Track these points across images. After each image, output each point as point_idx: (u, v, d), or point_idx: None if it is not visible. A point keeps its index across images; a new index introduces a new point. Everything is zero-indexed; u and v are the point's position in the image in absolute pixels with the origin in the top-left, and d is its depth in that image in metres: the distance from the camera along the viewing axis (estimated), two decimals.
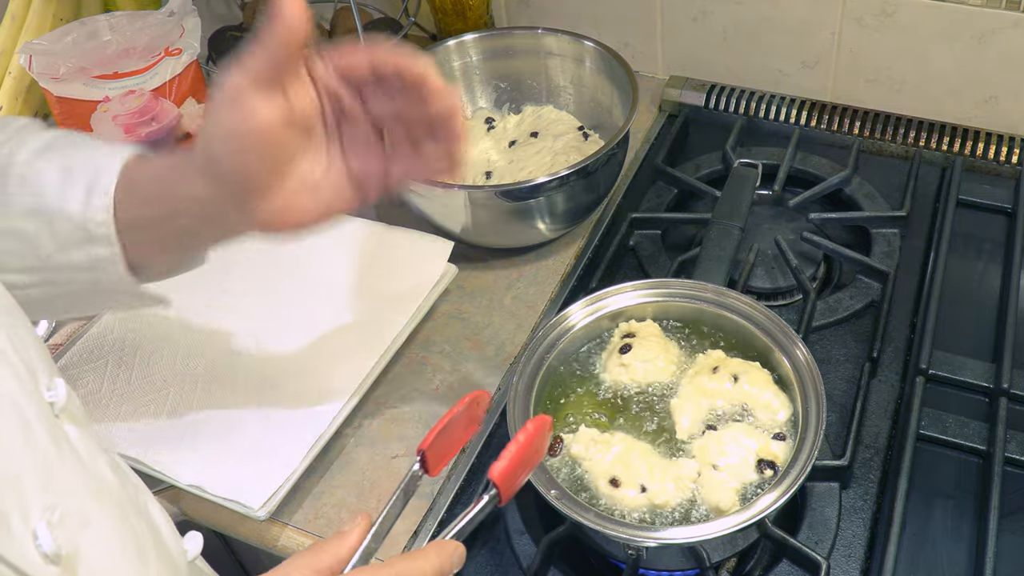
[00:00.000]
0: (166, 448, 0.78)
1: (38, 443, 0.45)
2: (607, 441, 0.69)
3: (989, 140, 1.00)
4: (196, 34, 0.98)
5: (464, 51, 1.04)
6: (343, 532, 0.55)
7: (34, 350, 0.50)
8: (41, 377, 0.49)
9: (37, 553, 0.42)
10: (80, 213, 0.60)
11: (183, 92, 0.97)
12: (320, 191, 0.61)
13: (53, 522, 0.43)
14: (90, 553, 0.46)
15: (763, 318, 0.74)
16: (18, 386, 0.46)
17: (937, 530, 0.72)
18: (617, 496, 0.67)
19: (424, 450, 0.59)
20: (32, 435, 0.45)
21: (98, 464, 0.51)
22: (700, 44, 1.11)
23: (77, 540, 0.45)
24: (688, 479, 0.67)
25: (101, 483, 0.50)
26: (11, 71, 1.06)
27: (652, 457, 0.69)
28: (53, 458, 0.46)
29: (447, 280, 0.90)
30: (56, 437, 0.47)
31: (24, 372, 0.47)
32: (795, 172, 1.00)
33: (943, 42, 0.99)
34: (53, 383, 0.49)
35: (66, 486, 0.46)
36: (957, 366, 0.80)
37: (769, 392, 0.71)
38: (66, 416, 0.50)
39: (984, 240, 0.93)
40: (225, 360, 0.84)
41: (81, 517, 0.46)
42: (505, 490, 0.57)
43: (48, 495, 0.44)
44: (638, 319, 0.77)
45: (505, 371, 0.86)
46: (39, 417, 0.46)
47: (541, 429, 0.59)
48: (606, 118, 1.02)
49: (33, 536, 0.42)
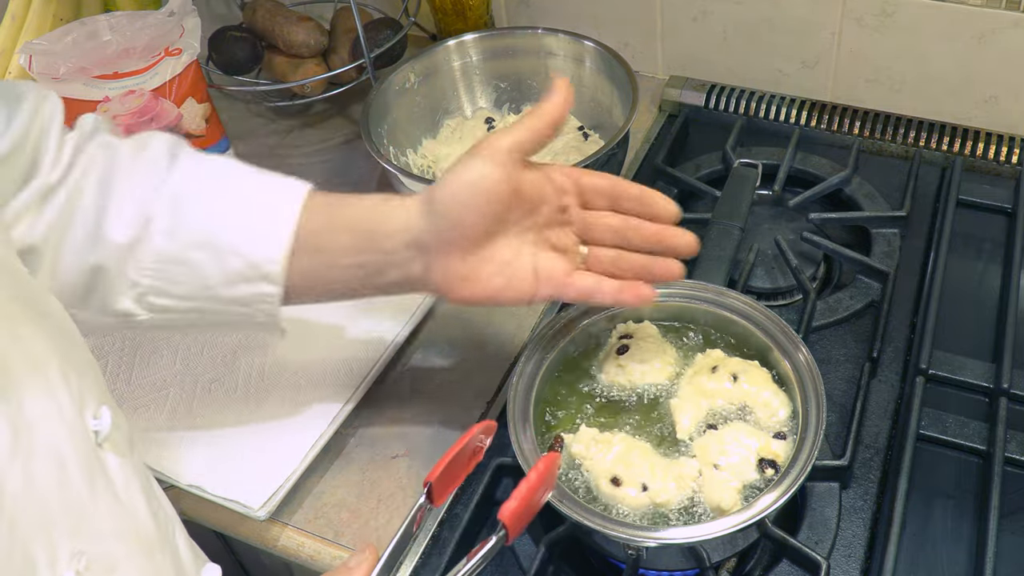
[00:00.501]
0: (166, 448, 0.78)
1: (72, 484, 0.45)
2: (607, 440, 0.69)
3: (989, 140, 1.00)
4: (196, 34, 0.98)
5: (464, 51, 1.04)
6: (349, 568, 0.54)
7: (89, 376, 0.50)
8: (89, 404, 0.49)
9: None
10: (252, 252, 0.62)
11: (183, 92, 0.97)
12: (504, 271, 0.65)
13: (80, 569, 0.43)
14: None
15: (763, 318, 0.74)
16: (59, 420, 0.46)
17: (937, 530, 0.72)
18: (618, 495, 0.67)
19: (431, 482, 0.58)
20: (67, 476, 0.45)
21: (132, 497, 0.51)
22: (700, 44, 1.11)
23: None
24: (689, 478, 0.67)
25: (132, 520, 0.50)
26: (11, 71, 1.06)
27: (653, 456, 0.69)
28: (86, 499, 0.46)
29: None
30: (92, 473, 0.47)
31: (68, 402, 0.47)
32: (795, 172, 1.00)
33: (943, 42, 0.99)
34: (99, 412, 0.49)
35: (96, 530, 0.46)
36: (957, 366, 0.80)
37: (768, 391, 0.71)
38: (109, 445, 0.49)
39: (984, 240, 0.93)
40: (225, 360, 0.84)
41: (108, 562, 0.46)
42: (513, 530, 0.57)
43: (77, 541, 0.44)
44: (635, 320, 0.77)
45: (505, 371, 0.86)
46: (77, 451, 0.46)
47: (551, 467, 0.59)
48: (606, 118, 1.02)
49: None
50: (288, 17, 1.13)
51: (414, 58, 1.02)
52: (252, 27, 1.15)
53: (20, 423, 0.43)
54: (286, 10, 1.15)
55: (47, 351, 0.47)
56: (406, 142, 1.02)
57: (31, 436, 0.43)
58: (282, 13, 1.14)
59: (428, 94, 1.04)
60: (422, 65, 1.02)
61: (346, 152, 1.12)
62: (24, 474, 0.42)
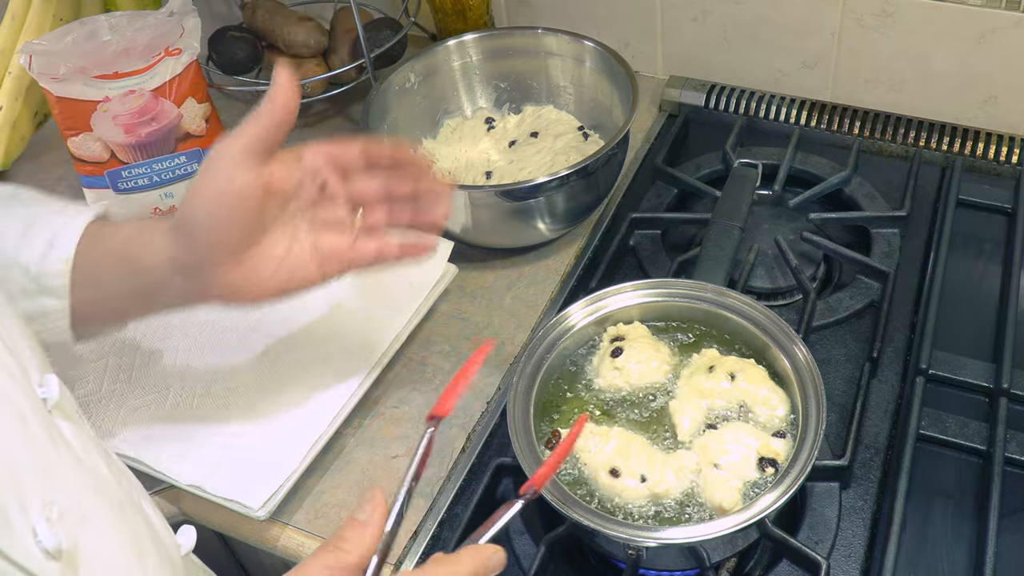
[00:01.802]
0: (166, 448, 0.78)
1: (35, 439, 0.45)
2: (605, 433, 0.70)
3: (989, 140, 1.00)
4: (196, 34, 0.98)
5: (464, 51, 1.04)
6: (359, 523, 0.54)
7: (26, 348, 0.51)
8: (33, 374, 0.49)
9: (38, 549, 0.42)
10: (37, 265, 0.62)
11: (183, 92, 0.97)
12: (283, 265, 0.64)
13: (52, 518, 0.43)
14: (89, 548, 0.46)
15: (763, 318, 0.74)
16: (12, 383, 0.46)
17: (937, 530, 0.72)
18: (617, 486, 0.67)
19: (440, 416, 0.60)
20: (29, 431, 0.45)
21: (93, 460, 0.51)
22: (700, 44, 1.11)
23: (76, 535, 0.45)
24: (688, 470, 0.67)
25: (97, 479, 0.50)
26: (11, 71, 1.06)
27: (650, 449, 0.69)
28: (50, 454, 0.46)
29: (447, 280, 0.90)
30: (51, 433, 0.47)
31: (16, 369, 0.47)
32: (795, 172, 1.00)
33: (943, 42, 0.99)
34: (45, 379, 0.50)
35: (63, 482, 0.46)
36: (957, 366, 0.80)
37: (766, 388, 0.71)
38: (59, 412, 0.50)
39: (984, 240, 0.93)
40: (225, 360, 0.84)
41: (79, 513, 0.46)
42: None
43: (46, 490, 0.44)
44: (625, 322, 0.77)
45: (505, 371, 0.86)
46: (34, 413, 0.46)
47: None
48: (606, 118, 1.02)
49: (33, 532, 0.42)
50: (288, 17, 1.13)
51: (414, 58, 1.02)
52: (252, 27, 1.15)
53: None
54: (286, 10, 1.15)
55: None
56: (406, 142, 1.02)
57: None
58: (282, 13, 1.14)
59: (428, 94, 1.04)
60: (422, 65, 1.02)
61: None
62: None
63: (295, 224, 0.65)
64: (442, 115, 1.07)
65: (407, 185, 0.68)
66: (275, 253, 0.64)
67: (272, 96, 0.61)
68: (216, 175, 0.61)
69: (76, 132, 0.96)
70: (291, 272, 0.65)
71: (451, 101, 1.06)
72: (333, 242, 0.66)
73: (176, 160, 1.00)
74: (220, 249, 0.62)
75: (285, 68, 0.61)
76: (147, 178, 1.00)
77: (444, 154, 1.03)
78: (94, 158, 0.98)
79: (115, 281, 0.64)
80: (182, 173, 1.01)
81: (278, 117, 0.61)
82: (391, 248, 0.68)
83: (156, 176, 1.00)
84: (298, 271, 0.65)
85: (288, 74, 0.61)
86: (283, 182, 0.64)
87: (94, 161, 0.98)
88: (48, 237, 0.63)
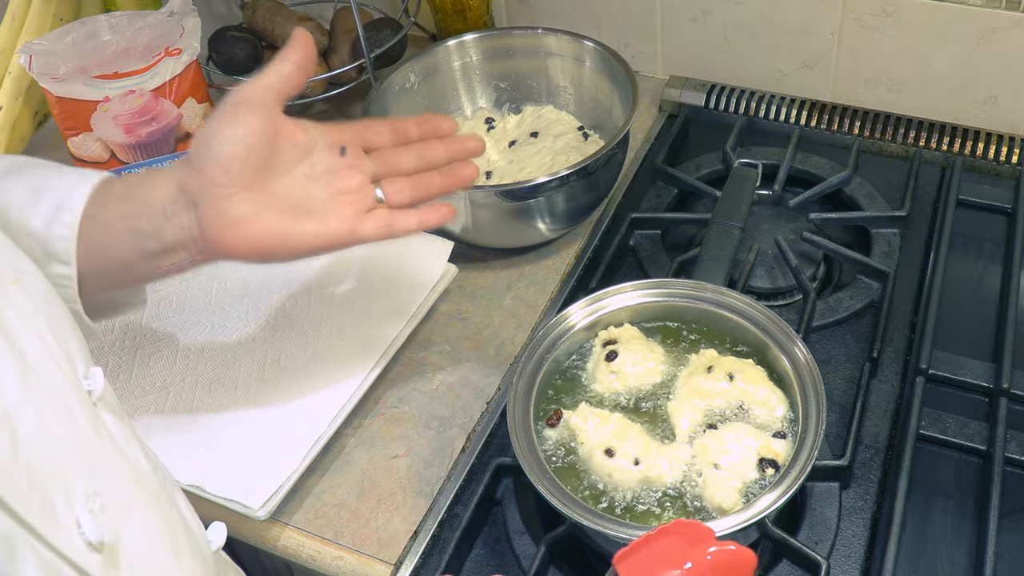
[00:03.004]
0: (166, 448, 0.78)
1: (81, 431, 0.46)
2: (605, 416, 0.70)
3: (989, 140, 1.00)
4: (196, 34, 0.98)
5: (464, 51, 1.04)
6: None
7: (73, 339, 0.51)
8: (79, 366, 0.49)
9: (81, 540, 0.42)
10: (44, 230, 0.61)
11: (183, 92, 0.97)
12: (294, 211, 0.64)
13: (95, 510, 0.43)
14: (130, 541, 0.46)
15: (763, 318, 0.74)
16: (60, 376, 0.46)
17: (937, 530, 0.72)
18: (611, 466, 0.67)
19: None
20: (76, 423, 0.46)
21: (135, 452, 0.51)
22: (700, 44, 1.11)
23: (118, 528, 0.45)
24: (682, 461, 0.68)
25: (138, 472, 0.50)
26: (11, 71, 1.06)
27: (647, 438, 0.70)
28: (95, 446, 0.47)
29: (447, 280, 0.90)
30: (96, 425, 0.48)
31: (64, 362, 0.47)
32: (795, 172, 1.00)
33: (943, 42, 0.99)
34: (90, 372, 0.50)
35: (107, 474, 0.47)
36: (957, 366, 0.80)
37: (765, 388, 0.71)
38: (103, 405, 0.50)
39: (984, 240, 0.93)
40: (225, 360, 0.84)
41: (121, 505, 0.47)
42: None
43: (91, 483, 0.44)
44: (616, 325, 0.77)
45: (505, 371, 0.86)
46: (81, 405, 0.47)
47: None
48: (606, 118, 1.02)
49: (76, 524, 0.42)
50: (288, 17, 1.13)
51: (414, 58, 1.02)
52: (252, 27, 1.15)
53: (27, 368, 0.43)
54: (286, 10, 1.15)
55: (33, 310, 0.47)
56: None
57: (38, 382, 0.44)
58: (282, 13, 1.14)
59: (428, 94, 1.04)
60: (422, 65, 1.02)
61: None
62: (36, 417, 0.42)
63: (316, 181, 0.66)
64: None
65: (440, 153, 0.69)
66: (290, 197, 0.64)
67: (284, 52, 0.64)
68: (226, 114, 0.62)
69: (76, 132, 0.96)
70: (299, 218, 0.64)
71: (451, 101, 1.06)
72: (345, 206, 0.66)
73: (176, 160, 1.00)
74: (223, 172, 0.61)
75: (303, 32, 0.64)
76: None
77: None
78: (94, 158, 0.98)
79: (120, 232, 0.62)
80: None
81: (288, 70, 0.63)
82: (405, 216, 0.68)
83: None
84: (308, 221, 0.64)
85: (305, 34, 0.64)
86: (296, 135, 0.65)
87: (94, 161, 0.98)
88: (56, 202, 0.62)
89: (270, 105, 0.63)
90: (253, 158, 0.62)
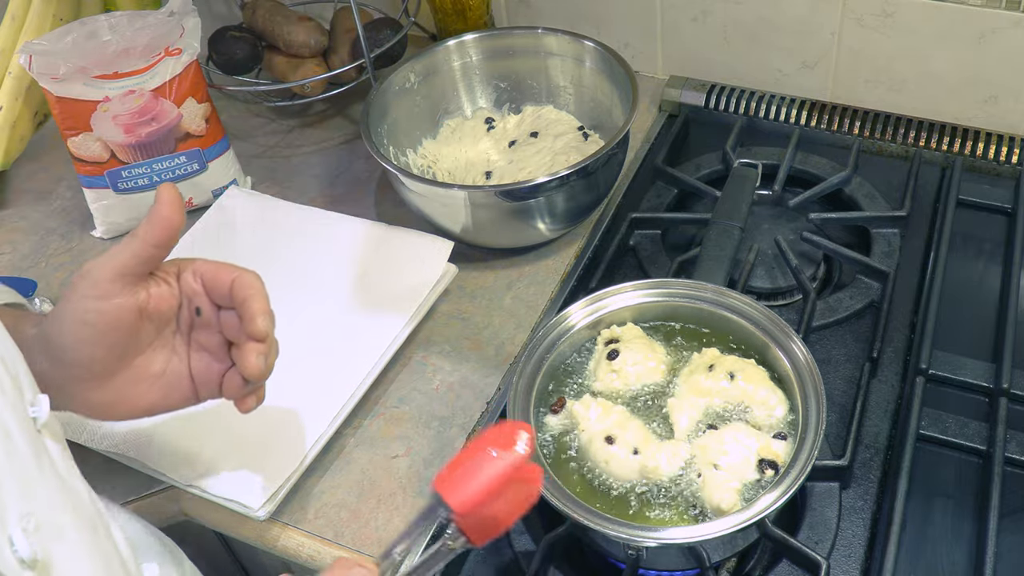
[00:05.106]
0: (166, 448, 0.78)
1: (18, 453, 0.46)
2: (608, 407, 0.71)
3: (989, 140, 1.00)
4: (196, 34, 0.98)
5: (464, 51, 1.04)
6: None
7: (22, 367, 0.51)
8: (26, 392, 0.50)
9: (13, 557, 0.43)
10: None
11: (183, 92, 0.97)
12: (157, 383, 0.64)
13: (29, 529, 0.44)
14: (62, 562, 0.46)
15: (763, 318, 0.74)
16: (3, 400, 0.47)
17: (937, 530, 0.72)
18: (610, 454, 0.68)
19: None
20: (13, 446, 0.46)
21: (75, 481, 0.52)
22: (700, 44, 1.11)
23: (52, 549, 0.45)
24: (680, 457, 0.68)
25: (77, 499, 0.51)
26: (11, 71, 1.06)
27: (647, 432, 0.70)
28: (32, 469, 0.47)
29: (447, 280, 0.90)
30: (37, 450, 0.48)
31: (10, 386, 0.48)
32: (795, 172, 1.00)
33: (943, 42, 0.99)
34: (36, 400, 0.51)
35: (43, 498, 0.47)
36: (957, 366, 0.80)
37: (766, 388, 0.71)
38: (47, 432, 0.51)
39: (984, 240, 0.93)
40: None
41: (56, 528, 0.47)
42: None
43: (25, 503, 0.45)
44: (618, 324, 0.77)
45: (505, 371, 0.86)
46: (22, 430, 0.47)
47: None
48: (606, 118, 1.02)
49: (9, 541, 0.43)
50: (288, 17, 1.13)
51: (414, 58, 1.02)
52: (252, 27, 1.15)
53: None
54: (286, 10, 1.15)
55: None
56: (406, 142, 1.02)
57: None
58: (282, 13, 1.14)
59: (428, 94, 1.04)
60: (422, 65, 1.02)
61: (346, 152, 1.12)
62: None
63: (174, 343, 0.65)
64: (442, 115, 1.06)
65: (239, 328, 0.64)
66: (151, 371, 0.63)
67: (153, 216, 0.59)
68: (83, 299, 0.59)
69: (76, 132, 0.96)
70: (166, 391, 0.64)
71: (451, 101, 1.06)
72: (207, 367, 0.65)
73: (176, 160, 1.00)
74: (85, 371, 0.61)
75: (169, 187, 0.60)
76: (147, 178, 1.00)
77: (444, 154, 1.03)
78: (94, 158, 0.98)
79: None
80: (182, 173, 1.01)
81: (158, 237, 0.59)
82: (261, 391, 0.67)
83: (156, 176, 1.00)
84: (173, 391, 0.65)
85: (172, 192, 0.59)
86: (162, 303, 0.62)
87: (94, 161, 0.98)
88: None
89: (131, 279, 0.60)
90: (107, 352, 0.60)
